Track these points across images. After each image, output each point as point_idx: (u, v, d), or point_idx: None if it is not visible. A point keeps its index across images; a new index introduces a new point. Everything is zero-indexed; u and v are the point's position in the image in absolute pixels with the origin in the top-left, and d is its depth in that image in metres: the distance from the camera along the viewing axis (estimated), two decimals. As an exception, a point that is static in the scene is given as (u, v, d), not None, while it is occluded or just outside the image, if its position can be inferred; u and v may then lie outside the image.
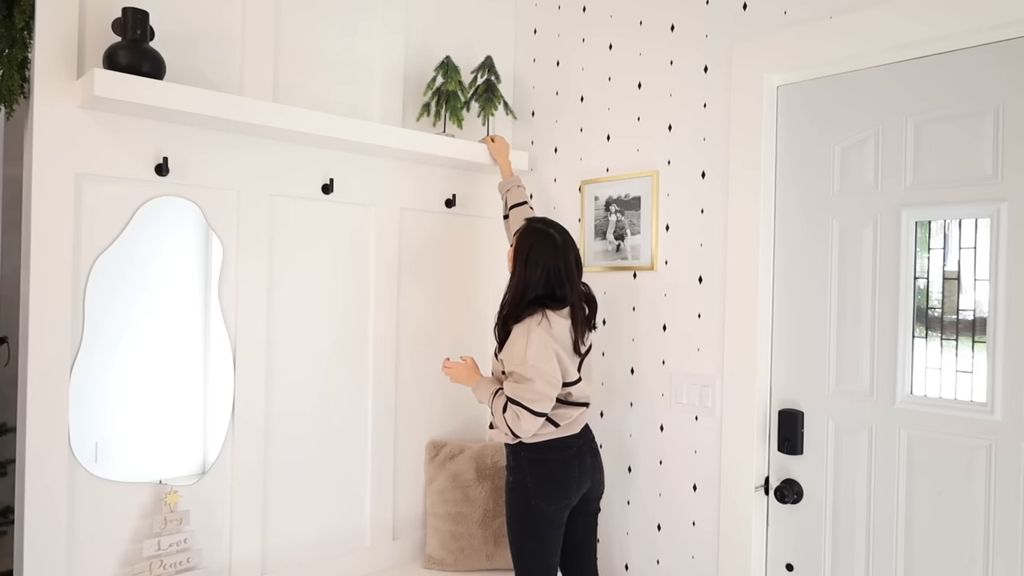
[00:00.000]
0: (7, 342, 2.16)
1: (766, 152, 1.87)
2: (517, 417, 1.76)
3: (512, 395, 1.78)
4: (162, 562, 1.81)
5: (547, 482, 1.85)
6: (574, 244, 1.91)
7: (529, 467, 1.86)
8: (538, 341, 1.79)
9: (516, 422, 1.77)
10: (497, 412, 1.81)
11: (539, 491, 1.84)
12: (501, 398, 1.82)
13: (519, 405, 1.76)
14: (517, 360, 1.78)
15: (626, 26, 2.23)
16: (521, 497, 1.86)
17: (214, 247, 1.92)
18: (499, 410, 1.81)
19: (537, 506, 1.84)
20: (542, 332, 1.80)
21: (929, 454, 1.64)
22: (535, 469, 1.86)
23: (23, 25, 1.68)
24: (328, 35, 2.14)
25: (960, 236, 1.61)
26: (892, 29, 1.62)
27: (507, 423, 1.78)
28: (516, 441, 1.85)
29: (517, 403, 1.77)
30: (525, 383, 1.77)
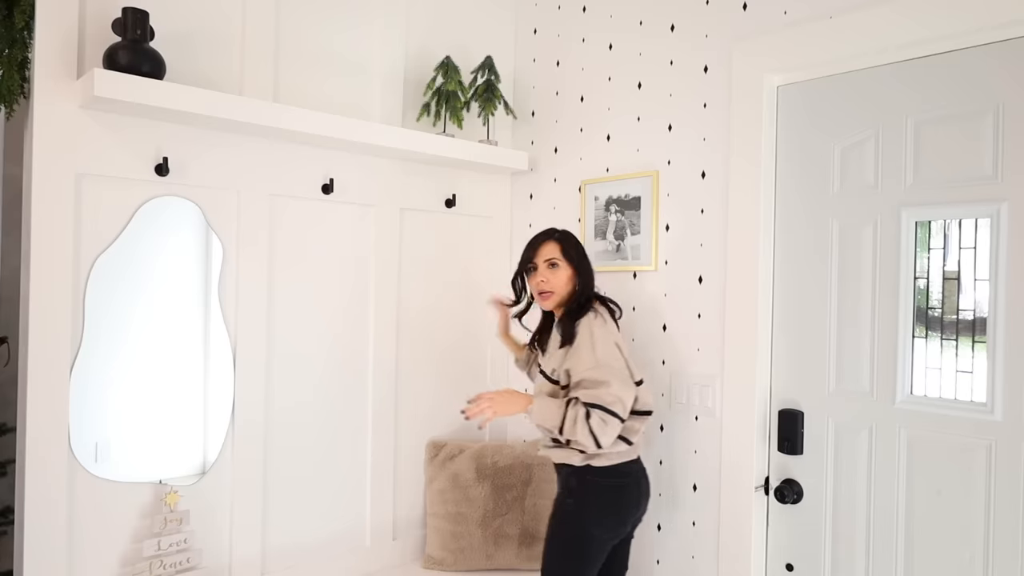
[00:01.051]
0: (7, 342, 2.16)
1: (766, 152, 1.87)
2: (604, 423, 1.63)
3: (592, 400, 1.65)
4: (162, 562, 1.81)
5: (611, 510, 1.77)
6: None
7: (595, 492, 1.76)
8: (602, 338, 1.71)
9: (603, 428, 1.63)
10: (577, 422, 1.64)
11: (600, 518, 1.75)
12: (577, 407, 1.67)
13: (603, 410, 1.63)
14: (588, 364, 1.68)
15: (626, 26, 2.23)
16: (577, 522, 1.76)
17: (214, 247, 1.92)
18: (579, 419, 1.64)
19: (591, 532, 1.75)
20: (604, 326, 1.74)
21: (929, 454, 1.63)
22: (602, 495, 1.76)
23: (23, 25, 1.68)
24: (328, 35, 2.14)
25: (960, 236, 1.61)
26: (892, 29, 1.62)
27: (592, 431, 1.63)
28: (583, 463, 1.73)
29: (600, 407, 1.64)
30: (601, 387, 1.66)
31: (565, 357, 1.76)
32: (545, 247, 1.88)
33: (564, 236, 1.90)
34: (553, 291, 1.84)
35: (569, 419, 1.66)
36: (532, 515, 2.28)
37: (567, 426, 1.66)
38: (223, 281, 1.93)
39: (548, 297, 1.85)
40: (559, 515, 1.80)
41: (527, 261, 1.90)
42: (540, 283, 1.86)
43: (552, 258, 1.85)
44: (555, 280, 1.85)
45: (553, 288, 1.84)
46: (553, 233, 1.91)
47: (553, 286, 1.85)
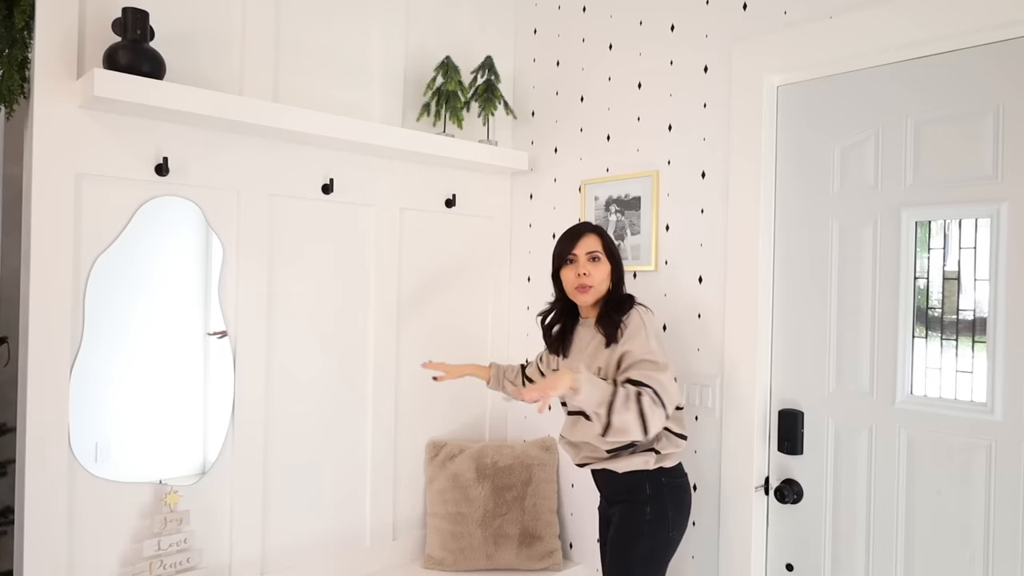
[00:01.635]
0: (7, 342, 2.16)
1: (766, 152, 1.87)
2: (655, 405, 1.54)
3: (647, 380, 1.57)
4: (162, 562, 1.81)
5: (685, 510, 1.74)
6: None
7: (670, 495, 1.71)
8: (654, 333, 1.68)
9: (654, 411, 1.53)
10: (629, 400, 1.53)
11: (678, 521, 1.71)
12: (627, 386, 1.57)
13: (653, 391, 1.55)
14: (644, 348, 1.63)
15: (626, 26, 2.23)
16: (661, 530, 1.69)
17: (214, 247, 1.92)
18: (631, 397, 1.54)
19: (673, 538, 1.71)
20: (654, 322, 1.72)
21: (929, 454, 1.63)
22: (675, 497, 1.72)
23: (23, 25, 1.68)
24: (328, 35, 2.14)
25: (960, 236, 1.61)
26: (892, 29, 1.62)
27: (643, 412, 1.52)
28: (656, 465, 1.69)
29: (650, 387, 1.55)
30: (659, 371, 1.60)
31: (617, 348, 1.68)
32: (586, 239, 1.79)
33: (602, 230, 1.84)
34: (593, 285, 1.76)
35: (621, 395, 1.53)
36: (532, 515, 2.28)
37: (618, 403, 1.53)
38: (223, 281, 1.93)
39: (586, 291, 1.76)
40: (637, 529, 1.69)
41: (566, 253, 1.80)
42: (582, 276, 1.76)
43: (594, 251, 1.78)
44: (596, 274, 1.76)
45: (594, 282, 1.76)
46: (590, 226, 1.83)
47: (594, 280, 1.76)
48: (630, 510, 1.74)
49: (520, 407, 2.56)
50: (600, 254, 1.78)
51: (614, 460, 1.74)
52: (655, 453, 1.72)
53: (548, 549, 2.28)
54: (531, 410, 2.52)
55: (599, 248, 1.79)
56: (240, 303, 1.95)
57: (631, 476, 1.73)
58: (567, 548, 2.41)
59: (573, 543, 2.39)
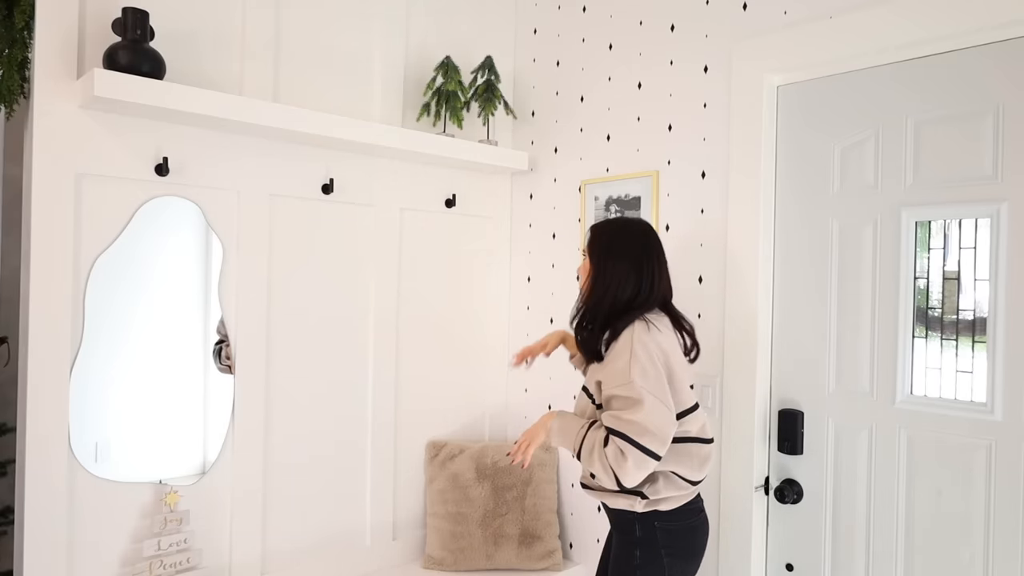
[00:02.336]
0: (7, 342, 2.16)
1: (766, 152, 1.87)
2: (621, 454, 1.37)
3: (613, 425, 1.40)
4: (162, 562, 1.81)
5: (687, 557, 1.55)
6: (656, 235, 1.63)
7: (665, 539, 1.52)
8: (644, 355, 1.44)
9: (620, 461, 1.37)
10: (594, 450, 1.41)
11: (678, 567, 1.53)
12: (598, 430, 1.44)
13: (624, 438, 1.38)
14: (620, 379, 1.42)
15: (626, 26, 2.23)
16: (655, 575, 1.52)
17: (214, 247, 1.92)
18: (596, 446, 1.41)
19: None
20: (648, 342, 1.46)
21: (929, 454, 1.64)
22: (674, 543, 1.52)
23: (23, 25, 1.68)
24: (328, 35, 2.14)
25: (960, 236, 1.61)
26: (892, 29, 1.62)
27: (608, 462, 1.38)
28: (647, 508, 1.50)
29: (621, 435, 1.38)
30: (631, 408, 1.40)
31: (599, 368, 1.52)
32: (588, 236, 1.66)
33: (599, 227, 1.64)
34: (582, 283, 1.64)
35: (587, 444, 1.43)
36: (532, 515, 2.28)
37: (584, 452, 1.44)
38: (223, 281, 1.93)
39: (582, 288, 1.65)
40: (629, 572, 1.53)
41: None
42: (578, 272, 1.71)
43: (583, 249, 1.67)
44: (583, 272, 1.65)
45: (582, 280, 1.64)
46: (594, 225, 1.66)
47: (583, 277, 1.65)
48: (621, 549, 1.59)
49: (521, 407, 2.56)
50: (585, 250, 1.64)
51: (602, 492, 1.56)
52: (641, 497, 1.51)
53: (548, 549, 2.28)
54: (531, 410, 2.52)
55: (586, 244, 1.65)
56: (240, 303, 1.95)
57: (620, 513, 1.57)
58: (567, 548, 2.41)
59: (573, 543, 2.39)
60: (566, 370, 2.38)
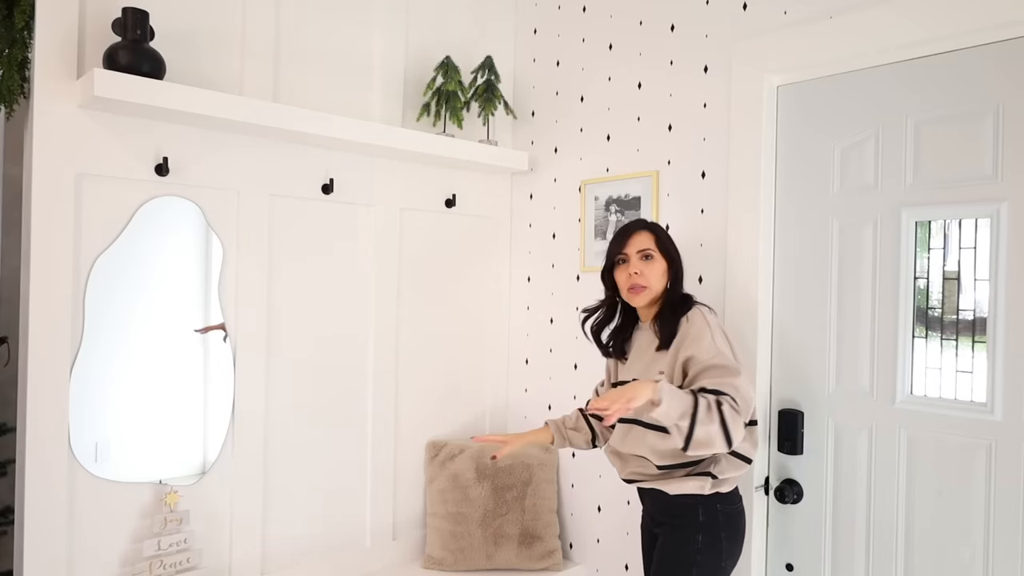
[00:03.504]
0: (7, 342, 2.16)
1: (766, 152, 1.87)
2: (736, 412, 1.41)
3: (720, 387, 1.44)
4: (162, 562, 1.81)
5: (739, 538, 1.61)
6: None
7: (726, 522, 1.58)
8: (721, 333, 1.55)
9: (736, 420, 1.41)
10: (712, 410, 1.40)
11: (731, 550, 1.59)
12: (705, 395, 1.43)
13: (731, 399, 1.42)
14: (712, 351, 1.50)
15: (626, 26, 2.23)
16: (713, 560, 1.56)
17: (214, 247, 1.92)
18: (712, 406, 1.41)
19: (726, 568, 1.59)
20: (716, 323, 1.58)
21: (929, 454, 1.64)
22: (730, 524, 1.59)
23: (23, 25, 1.68)
24: (328, 35, 2.14)
25: (960, 236, 1.61)
26: (892, 29, 1.62)
27: (725, 422, 1.39)
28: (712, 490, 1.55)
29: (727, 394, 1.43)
30: (730, 375, 1.46)
31: (679, 350, 1.56)
32: (637, 237, 1.68)
33: (657, 227, 1.72)
34: (647, 285, 1.64)
35: (703, 407, 1.39)
36: (532, 515, 2.28)
37: (701, 413, 1.39)
38: (223, 281, 1.93)
39: (639, 292, 1.65)
40: (687, 558, 1.56)
41: (616, 253, 1.70)
42: (633, 276, 1.64)
43: (646, 249, 1.66)
44: (649, 273, 1.64)
45: (647, 282, 1.64)
46: (645, 223, 1.73)
47: (647, 280, 1.64)
48: (680, 536, 1.60)
49: (521, 407, 2.56)
50: (653, 251, 1.66)
51: (665, 479, 1.60)
52: (711, 477, 1.57)
53: (548, 549, 2.28)
54: (531, 410, 2.52)
55: (651, 245, 1.66)
56: (240, 303, 1.95)
57: (683, 499, 1.59)
58: (567, 548, 2.41)
59: (573, 543, 2.39)
60: (566, 370, 2.38)
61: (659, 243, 1.68)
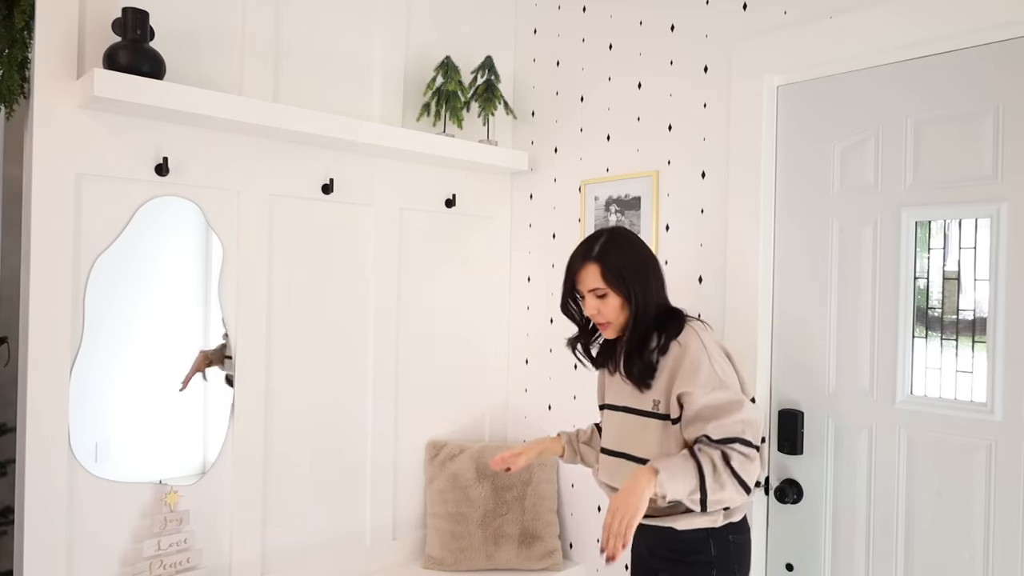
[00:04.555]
0: (7, 342, 2.16)
1: (766, 152, 1.87)
2: (747, 459, 1.35)
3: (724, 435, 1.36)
4: (162, 562, 1.81)
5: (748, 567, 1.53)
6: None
7: (737, 553, 1.50)
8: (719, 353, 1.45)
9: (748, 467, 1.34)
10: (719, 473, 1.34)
11: None
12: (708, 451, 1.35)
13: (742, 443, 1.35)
14: (711, 384, 1.39)
15: (626, 26, 2.23)
16: None
17: (214, 247, 1.92)
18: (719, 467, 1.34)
19: None
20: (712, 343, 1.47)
21: (929, 454, 1.63)
22: (741, 554, 1.51)
23: (23, 25, 1.68)
24: (328, 35, 2.14)
25: (960, 236, 1.61)
26: (892, 29, 1.62)
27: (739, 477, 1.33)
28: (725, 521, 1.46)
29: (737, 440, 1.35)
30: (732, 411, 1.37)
31: (673, 381, 1.45)
32: (583, 275, 1.54)
33: (604, 255, 1.52)
34: (608, 322, 1.54)
35: (709, 474, 1.33)
36: (532, 515, 2.28)
37: (709, 482, 1.33)
38: (223, 281, 1.93)
39: (606, 328, 1.56)
40: None
41: (571, 289, 1.60)
42: (594, 316, 1.55)
43: (595, 288, 1.52)
44: (607, 311, 1.53)
45: (608, 319, 1.54)
46: (591, 250, 1.54)
47: (607, 317, 1.53)
48: (692, 573, 1.50)
49: (521, 407, 2.56)
50: (602, 289, 1.51)
51: (672, 516, 1.47)
52: (724, 508, 1.45)
53: (548, 549, 2.28)
54: (531, 410, 2.52)
55: (599, 283, 1.51)
56: (240, 303, 1.95)
57: (692, 533, 1.47)
58: (567, 548, 2.41)
59: (573, 543, 2.39)
60: (566, 370, 2.38)
61: (607, 276, 1.50)
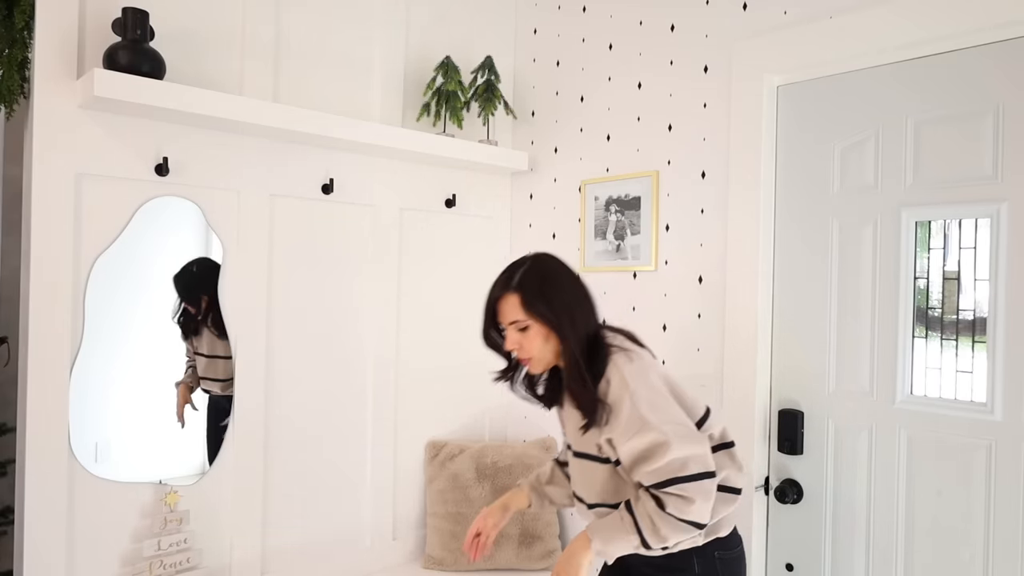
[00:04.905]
0: (7, 342, 2.16)
1: (766, 152, 1.87)
2: (684, 499, 1.25)
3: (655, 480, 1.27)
4: (162, 562, 1.81)
5: None
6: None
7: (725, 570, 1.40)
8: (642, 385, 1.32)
9: (687, 507, 1.25)
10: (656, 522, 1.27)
11: None
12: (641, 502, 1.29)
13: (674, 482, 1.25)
14: (634, 427, 1.29)
15: (626, 26, 2.23)
16: None
17: (214, 247, 1.92)
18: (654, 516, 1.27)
19: None
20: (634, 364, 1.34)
21: (929, 454, 1.64)
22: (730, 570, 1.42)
23: (23, 25, 1.68)
24: (328, 35, 2.14)
25: (960, 236, 1.61)
26: (892, 29, 1.62)
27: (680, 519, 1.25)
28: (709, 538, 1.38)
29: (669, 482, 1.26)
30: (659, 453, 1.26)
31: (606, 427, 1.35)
32: (503, 307, 1.40)
33: (525, 283, 1.39)
34: (531, 357, 1.41)
35: (646, 528, 1.27)
36: (532, 515, 2.28)
37: (648, 533, 1.27)
38: (223, 281, 1.93)
39: (529, 364, 1.43)
40: None
41: (491, 321, 1.45)
42: (515, 350, 1.42)
43: (516, 320, 1.39)
44: (529, 345, 1.39)
45: (531, 354, 1.40)
46: (510, 280, 1.40)
47: (530, 352, 1.40)
48: None
49: (521, 407, 2.56)
50: (524, 321, 1.38)
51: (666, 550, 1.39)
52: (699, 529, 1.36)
53: (548, 549, 2.28)
54: (531, 410, 2.52)
55: (519, 315, 1.38)
56: (240, 303, 1.95)
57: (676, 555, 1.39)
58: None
59: (573, 543, 2.39)
60: (566, 370, 2.37)
61: (529, 307, 1.37)
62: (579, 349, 1.36)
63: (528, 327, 1.38)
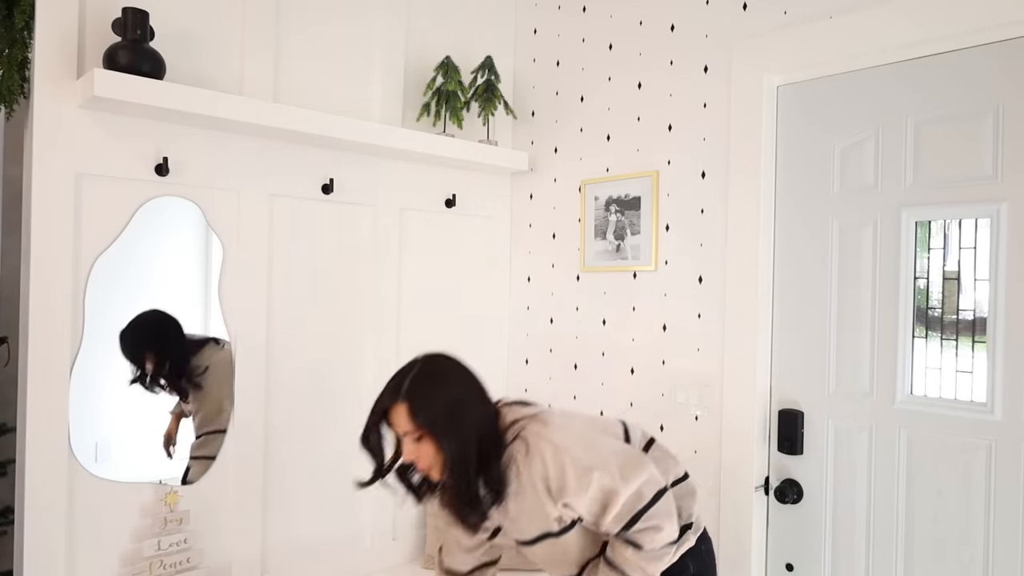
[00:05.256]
0: (7, 342, 2.16)
1: (766, 152, 1.87)
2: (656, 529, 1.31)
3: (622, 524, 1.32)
4: (162, 562, 1.81)
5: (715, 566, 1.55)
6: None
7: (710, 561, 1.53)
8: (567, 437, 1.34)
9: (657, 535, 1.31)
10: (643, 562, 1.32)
11: None
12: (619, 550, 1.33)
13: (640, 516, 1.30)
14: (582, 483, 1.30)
15: (626, 26, 2.23)
16: None
17: (214, 247, 1.92)
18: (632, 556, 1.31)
19: None
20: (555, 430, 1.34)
21: (929, 454, 1.64)
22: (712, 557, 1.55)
23: (23, 25, 1.68)
24: (328, 35, 2.14)
25: (960, 236, 1.61)
26: (892, 29, 1.62)
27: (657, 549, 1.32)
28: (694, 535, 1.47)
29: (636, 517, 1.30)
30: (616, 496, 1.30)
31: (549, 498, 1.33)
32: (395, 415, 1.35)
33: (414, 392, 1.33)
34: (427, 468, 1.37)
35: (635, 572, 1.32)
36: (532, 515, 2.28)
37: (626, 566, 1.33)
38: (223, 281, 1.93)
39: (431, 472, 1.39)
40: None
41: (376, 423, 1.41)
42: (414, 461, 1.38)
43: (407, 431, 1.34)
44: (424, 456, 1.35)
45: (427, 465, 1.36)
46: (400, 386, 1.35)
47: (426, 463, 1.36)
48: None
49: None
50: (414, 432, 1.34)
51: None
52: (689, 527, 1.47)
53: (548, 549, 2.27)
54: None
55: (409, 426, 1.33)
56: (240, 303, 1.95)
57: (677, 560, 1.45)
58: (567, 548, 2.40)
59: (573, 543, 2.39)
60: (566, 371, 2.38)
61: (418, 419, 1.32)
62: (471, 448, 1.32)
63: (422, 436, 1.33)
